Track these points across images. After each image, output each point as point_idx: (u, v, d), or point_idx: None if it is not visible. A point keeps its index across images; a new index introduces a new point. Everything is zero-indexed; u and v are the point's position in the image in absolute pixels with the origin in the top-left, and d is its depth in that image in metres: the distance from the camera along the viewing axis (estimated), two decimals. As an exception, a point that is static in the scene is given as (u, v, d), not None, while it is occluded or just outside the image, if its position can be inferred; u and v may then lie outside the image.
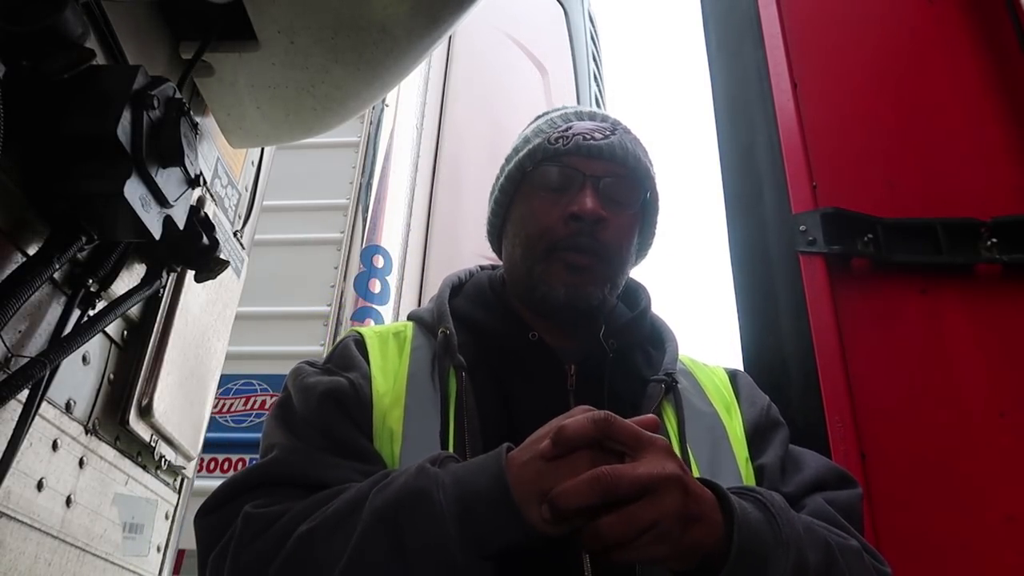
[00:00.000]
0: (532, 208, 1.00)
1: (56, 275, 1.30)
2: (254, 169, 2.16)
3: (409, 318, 1.07)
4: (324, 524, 0.72)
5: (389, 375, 0.94)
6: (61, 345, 1.29)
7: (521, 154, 1.03)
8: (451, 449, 0.85)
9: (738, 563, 0.66)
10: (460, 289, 1.10)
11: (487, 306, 1.04)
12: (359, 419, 0.89)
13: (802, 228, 1.19)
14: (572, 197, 0.95)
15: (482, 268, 1.16)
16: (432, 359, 0.95)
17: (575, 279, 0.95)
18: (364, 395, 0.91)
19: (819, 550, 0.73)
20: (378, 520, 0.69)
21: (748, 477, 0.91)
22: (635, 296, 1.11)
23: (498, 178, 1.09)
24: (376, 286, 3.77)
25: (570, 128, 1.01)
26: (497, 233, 1.11)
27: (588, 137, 0.98)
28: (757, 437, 0.96)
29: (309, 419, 0.87)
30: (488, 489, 0.68)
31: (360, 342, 1.00)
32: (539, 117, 1.12)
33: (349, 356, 0.97)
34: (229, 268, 1.77)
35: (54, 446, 1.39)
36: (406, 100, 4.39)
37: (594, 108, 1.11)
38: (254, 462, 0.89)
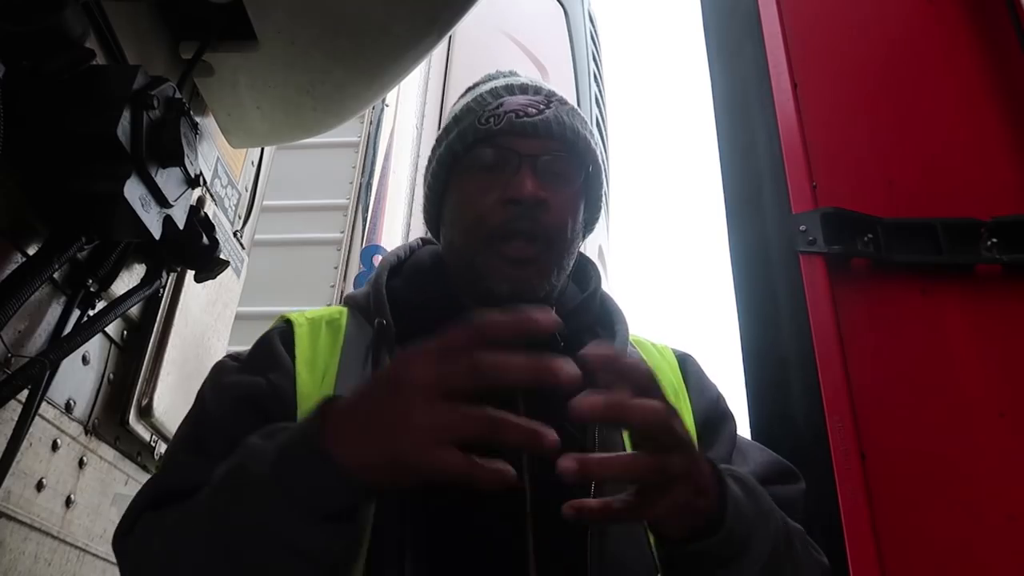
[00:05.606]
0: (467, 194, 0.92)
1: (56, 275, 1.30)
2: (254, 169, 2.16)
3: (344, 302, 0.98)
4: (177, 534, 0.69)
5: (317, 369, 0.87)
6: (61, 345, 1.29)
7: (451, 136, 0.96)
8: None
9: (727, 535, 0.63)
10: (400, 269, 1.01)
11: (427, 289, 0.96)
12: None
13: (802, 228, 1.19)
14: (508, 180, 0.88)
15: (423, 242, 1.07)
16: (367, 351, 0.88)
17: (518, 272, 0.88)
18: (286, 396, 0.83)
19: (779, 525, 0.72)
20: (207, 511, 0.65)
21: None
22: (584, 273, 1.04)
23: (430, 161, 1.01)
24: (376, 286, 3.76)
25: (501, 105, 0.94)
26: (434, 221, 1.03)
27: (521, 114, 0.92)
28: (707, 431, 0.91)
29: (219, 425, 0.81)
30: (301, 439, 0.61)
31: (287, 332, 0.91)
32: (468, 91, 1.04)
33: (272, 353, 0.88)
34: (229, 268, 1.77)
35: (54, 446, 1.39)
36: (406, 100, 4.38)
37: (526, 79, 1.03)
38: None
